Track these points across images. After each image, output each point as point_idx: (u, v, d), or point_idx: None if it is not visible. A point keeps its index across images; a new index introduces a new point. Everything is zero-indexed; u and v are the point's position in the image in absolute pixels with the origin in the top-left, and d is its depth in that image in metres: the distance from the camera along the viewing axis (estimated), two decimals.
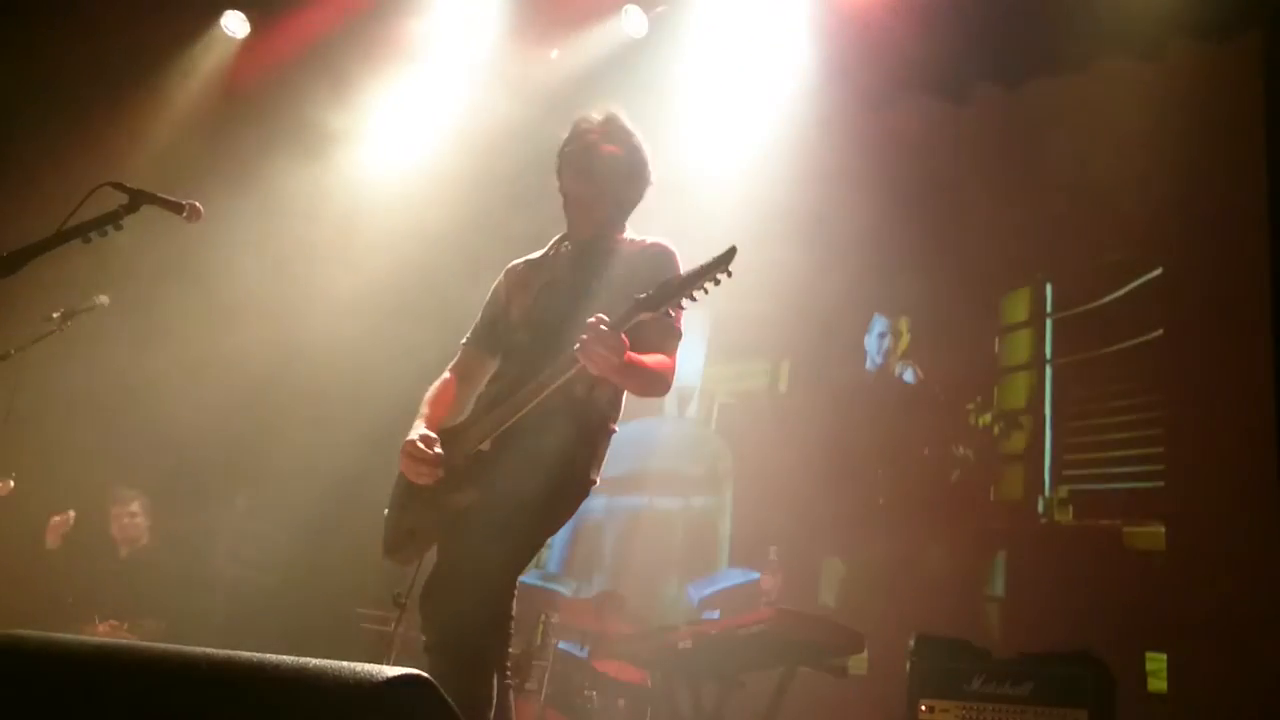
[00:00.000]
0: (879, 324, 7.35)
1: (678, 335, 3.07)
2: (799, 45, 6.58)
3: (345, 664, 1.45)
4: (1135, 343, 6.08)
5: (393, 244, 6.92)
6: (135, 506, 6.19)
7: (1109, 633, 5.19)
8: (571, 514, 3.07)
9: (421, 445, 3.01)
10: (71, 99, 6.37)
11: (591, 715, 5.35)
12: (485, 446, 2.98)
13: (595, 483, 3.09)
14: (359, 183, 7.05)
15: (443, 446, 3.03)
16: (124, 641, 1.80)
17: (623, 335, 2.75)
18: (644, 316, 2.79)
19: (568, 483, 3.00)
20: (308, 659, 1.49)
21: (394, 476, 3.16)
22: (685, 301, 2.80)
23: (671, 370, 3.03)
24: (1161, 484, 5.80)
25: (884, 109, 6.93)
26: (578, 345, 2.74)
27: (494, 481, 2.92)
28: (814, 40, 6.54)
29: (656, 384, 3.01)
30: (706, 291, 2.78)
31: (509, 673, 2.98)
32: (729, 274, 2.76)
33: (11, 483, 5.29)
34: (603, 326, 2.72)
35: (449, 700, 1.46)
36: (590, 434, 3.06)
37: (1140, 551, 5.76)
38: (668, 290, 2.79)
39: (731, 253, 2.75)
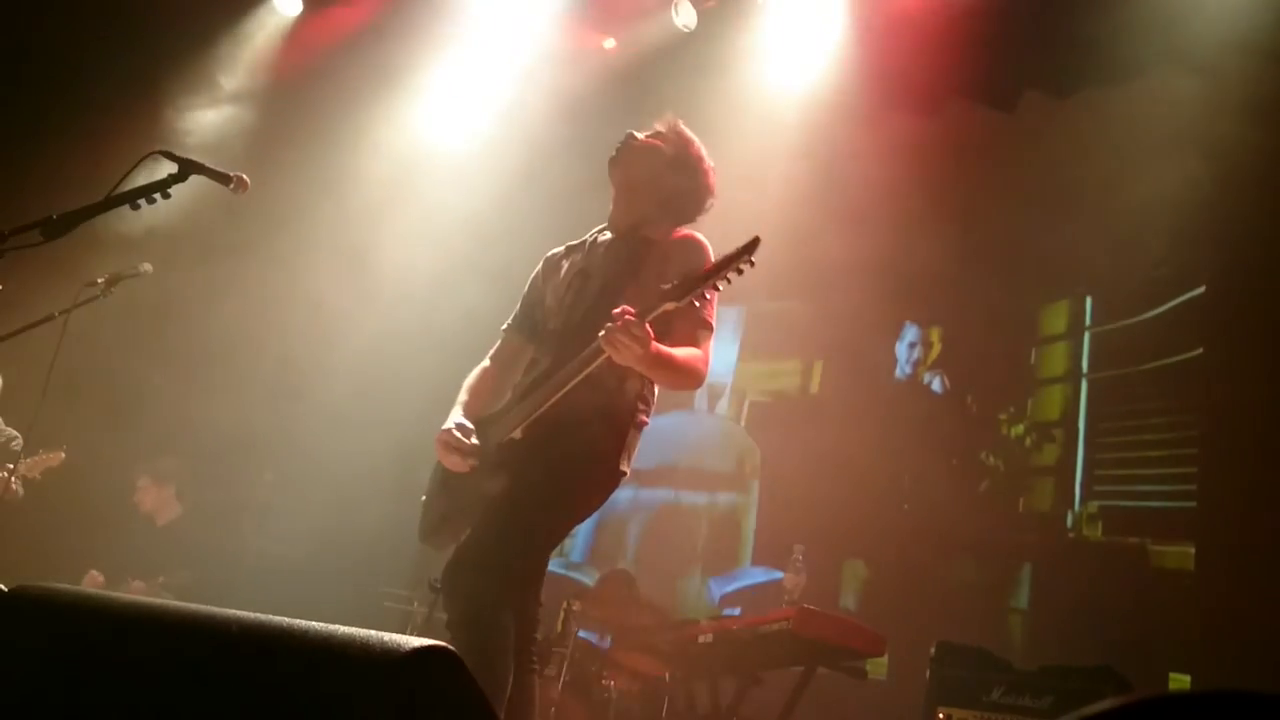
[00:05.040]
0: (910, 332, 7.32)
1: (709, 328, 3.06)
2: (846, 45, 6.56)
3: (372, 633, 1.46)
4: (1173, 360, 6.02)
5: (435, 229, 6.94)
6: (154, 484, 6.26)
7: (1133, 651, 5.14)
8: (600, 503, 3.08)
9: (457, 434, 3.04)
10: (123, 69, 6.44)
11: (609, 704, 5.36)
12: (517, 435, 3.00)
13: (625, 473, 3.08)
14: (406, 163, 7.08)
15: (477, 435, 3.06)
16: (156, 600, 1.82)
17: (647, 326, 2.76)
18: (668, 307, 2.80)
19: (596, 473, 3.01)
20: (336, 626, 1.50)
21: (424, 457, 3.19)
22: (709, 292, 2.81)
23: (703, 363, 3.01)
24: (1193, 504, 5.74)
25: (929, 113, 6.89)
26: (602, 334, 2.75)
27: (523, 469, 2.95)
28: (862, 41, 6.51)
29: (687, 376, 3.00)
30: (729, 281, 2.80)
31: (534, 659, 2.99)
32: (751, 264, 2.78)
33: (63, 454, 5.37)
34: (628, 317, 2.73)
35: (472, 674, 1.47)
36: (620, 425, 3.06)
37: (1168, 571, 5.70)
38: (691, 281, 2.80)
39: (754, 243, 2.78)
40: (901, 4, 6.25)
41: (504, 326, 3.42)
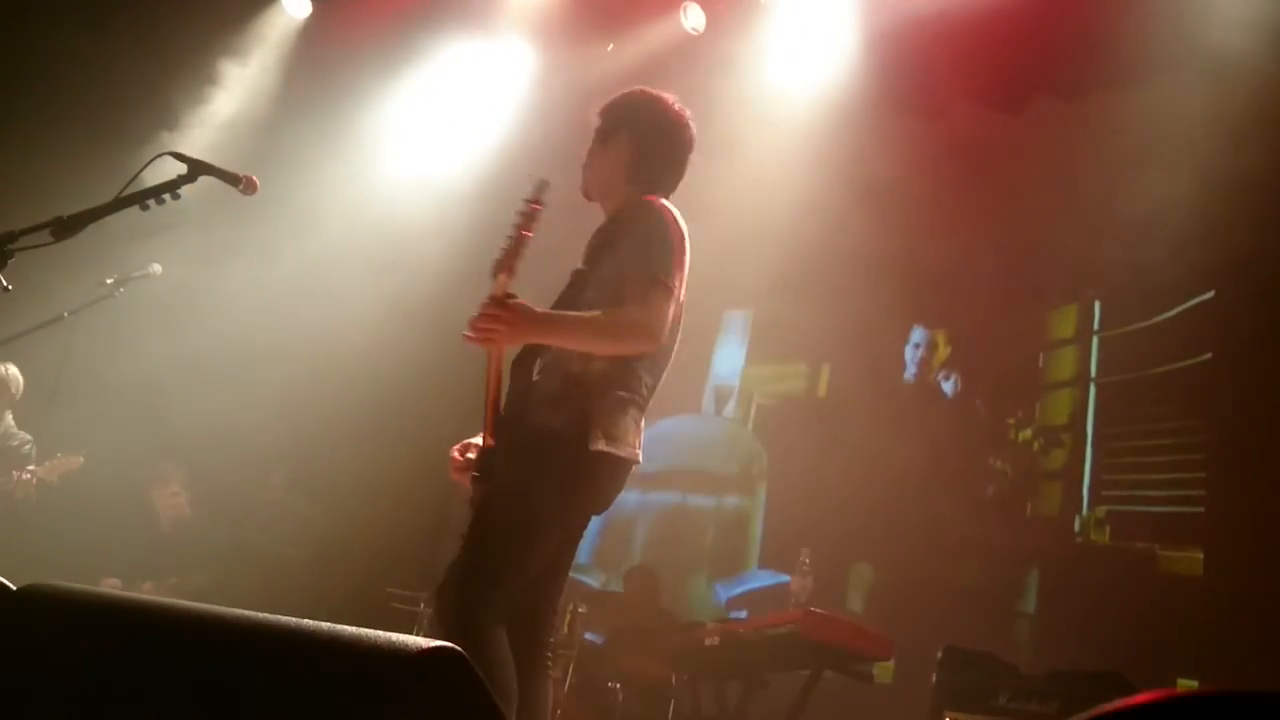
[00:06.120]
0: (916, 335, 7.32)
1: (658, 284, 2.83)
2: (855, 48, 6.55)
3: (380, 633, 1.46)
4: (1183, 365, 6.01)
5: (447, 233, 6.95)
6: (176, 485, 6.26)
7: (1140, 656, 5.13)
8: (585, 490, 2.86)
9: (454, 451, 3.03)
10: (133, 71, 6.46)
11: (614, 707, 5.36)
12: (490, 441, 2.96)
13: (609, 453, 2.82)
14: (417, 169, 7.09)
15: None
16: (166, 600, 1.83)
17: (512, 300, 2.78)
18: (501, 276, 2.82)
19: (555, 457, 2.82)
20: (344, 626, 1.50)
21: (432, 458, 3.17)
22: (518, 242, 2.84)
23: (636, 320, 2.81)
24: (1202, 509, 5.73)
25: (938, 116, 6.88)
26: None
27: (497, 472, 2.88)
28: (871, 44, 6.50)
29: (607, 335, 2.84)
30: (522, 232, 2.83)
31: (549, 662, 2.94)
32: (541, 205, 2.83)
33: (81, 458, 5.37)
34: (485, 301, 2.79)
35: (481, 676, 1.47)
36: (583, 407, 2.84)
37: (1176, 576, 5.69)
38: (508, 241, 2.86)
39: (540, 185, 2.84)
40: (910, 7, 6.24)
41: None
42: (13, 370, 5.61)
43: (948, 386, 7.08)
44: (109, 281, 4.64)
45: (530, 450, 2.84)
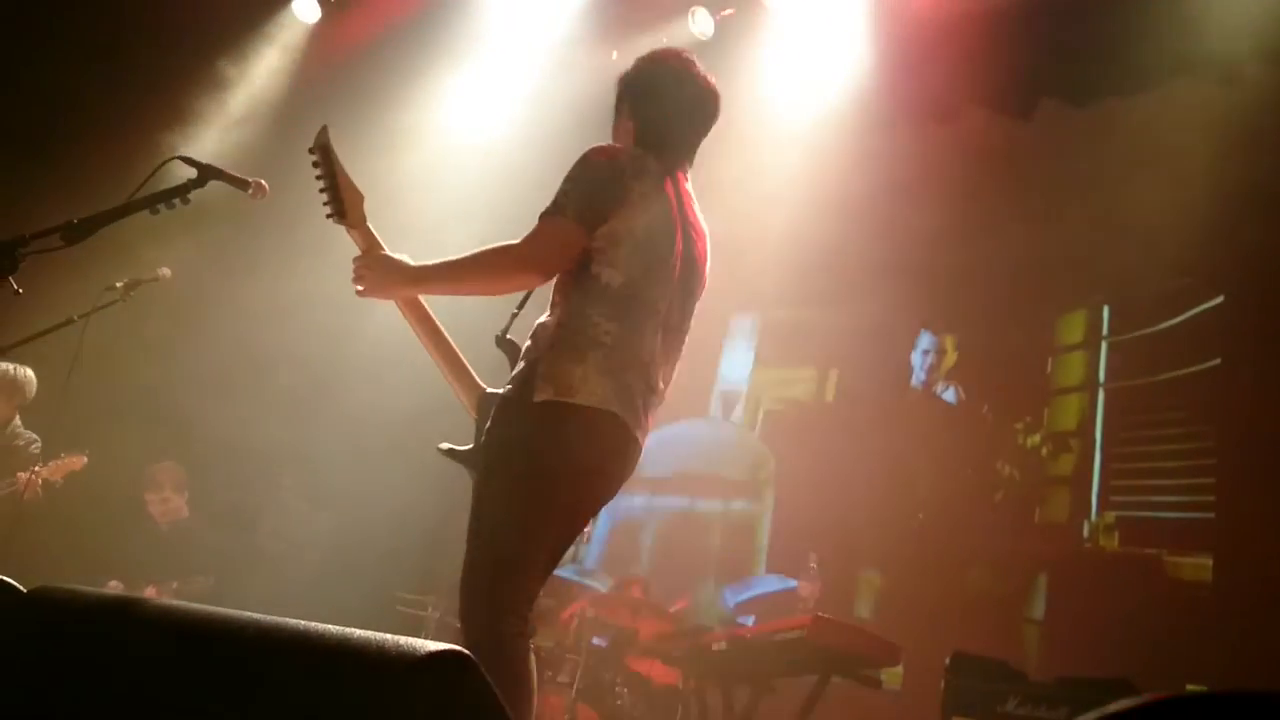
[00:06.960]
0: (925, 340, 7.31)
1: (551, 209, 2.73)
2: (865, 54, 6.55)
3: (388, 636, 1.46)
4: (1192, 370, 5.99)
5: (453, 244, 6.93)
6: (168, 491, 6.24)
7: (1149, 662, 5.10)
8: (548, 449, 2.60)
9: None
10: (141, 76, 6.48)
11: (622, 711, 5.36)
12: (473, 413, 2.92)
13: (563, 403, 2.59)
14: (418, 178, 7.09)
15: None
16: (173, 602, 1.84)
17: (382, 252, 2.91)
18: (351, 231, 2.96)
19: (512, 424, 2.65)
20: (351, 629, 1.51)
21: (438, 461, 3.10)
22: (326, 198, 2.95)
23: (499, 249, 2.73)
24: (1211, 515, 5.71)
25: (947, 121, 6.87)
26: None
27: (478, 463, 2.77)
28: (879, 49, 6.50)
29: (471, 271, 2.79)
30: (327, 182, 2.93)
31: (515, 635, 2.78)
32: (315, 150, 2.96)
33: (85, 458, 5.38)
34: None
35: (488, 679, 1.47)
36: (531, 363, 2.69)
37: (1185, 582, 5.67)
38: None
39: (319, 133, 2.96)
40: (919, 12, 6.24)
41: None
42: (28, 373, 5.63)
43: (955, 392, 7.07)
44: (118, 285, 4.65)
45: (489, 431, 2.70)
